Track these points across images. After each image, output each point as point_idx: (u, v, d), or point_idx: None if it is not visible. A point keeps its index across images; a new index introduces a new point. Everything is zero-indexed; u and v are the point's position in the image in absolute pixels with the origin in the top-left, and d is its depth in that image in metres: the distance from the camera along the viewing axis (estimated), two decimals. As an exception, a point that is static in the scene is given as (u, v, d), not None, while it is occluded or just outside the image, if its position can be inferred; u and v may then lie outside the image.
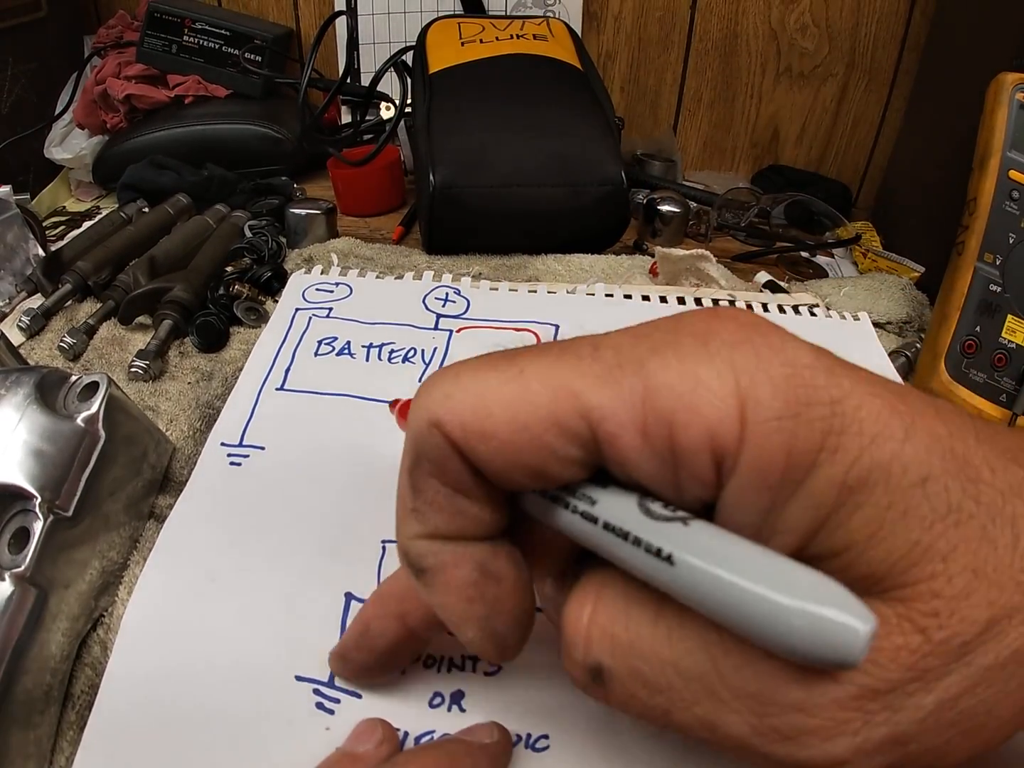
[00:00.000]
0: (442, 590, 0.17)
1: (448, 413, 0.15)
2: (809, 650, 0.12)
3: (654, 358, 0.14)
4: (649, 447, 0.14)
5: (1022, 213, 0.41)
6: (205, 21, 0.69)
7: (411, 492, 0.16)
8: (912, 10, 0.70)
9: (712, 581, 0.13)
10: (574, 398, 0.14)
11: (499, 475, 0.15)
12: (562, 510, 0.15)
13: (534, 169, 0.51)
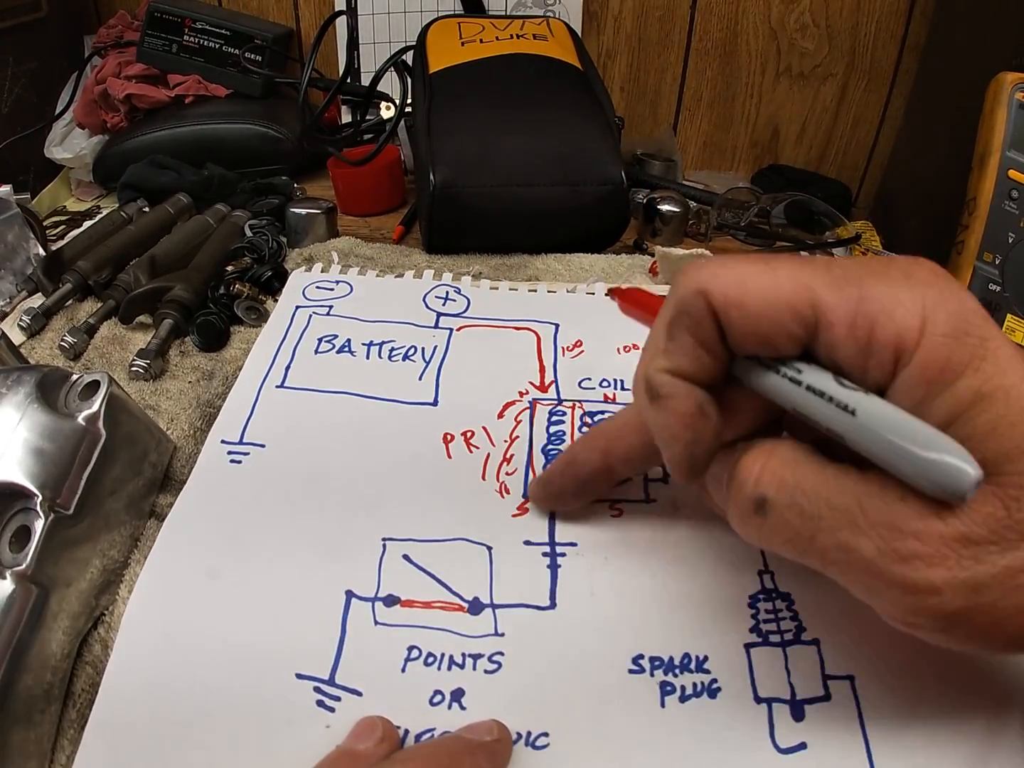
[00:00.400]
0: (669, 413, 0.21)
1: (715, 285, 0.20)
2: (937, 481, 0.17)
3: (869, 278, 0.19)
4: (853, 337, 0.19)
5: (1021, 212, 0.41)
6: (205, 21, 0.69)
7: (666, 337, 0.21)
8: (912, 10, 0.70)
9: (879, 429, 0.18)
10: (809, 292, 0.19)
11: (738, 337, 0.20)
12: (772, 375, 0.20)
13: (534, 169, 0.51)
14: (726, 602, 0.26)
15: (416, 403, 0.35)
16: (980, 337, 0.18)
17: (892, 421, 0.18)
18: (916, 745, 0.22)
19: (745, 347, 0.20)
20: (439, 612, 0.26)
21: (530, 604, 0.26)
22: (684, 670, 0.24)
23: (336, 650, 0.25)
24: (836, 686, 0.24)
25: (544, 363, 0.37)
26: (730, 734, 0.23)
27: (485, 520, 0.29)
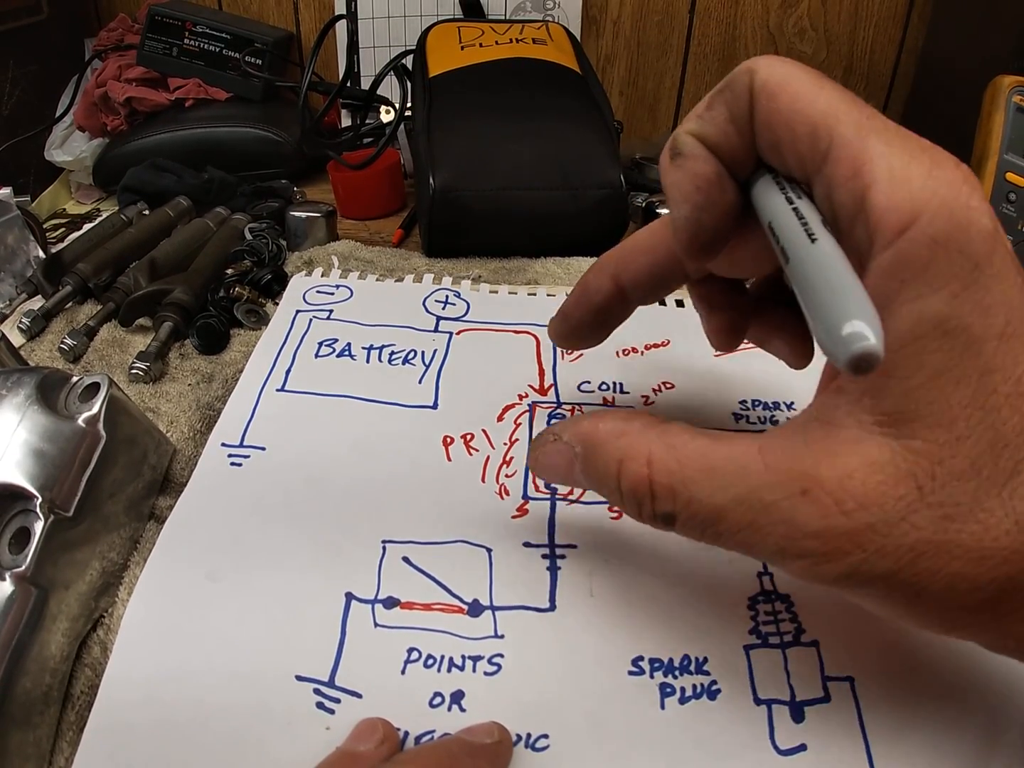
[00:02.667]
0: (684, 171, 0.20)
1: (763, 70, 0.19)
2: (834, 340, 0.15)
3: (900, 143, 0.17)
4: (849, 188, 0.17)
5: (1019, 215, 0.41)
6: (206, 24, 0.70)
7: (706, 104, 0.21)
8: (909, 14, 0.70)
9: (819, 269, 0.17)
10: (836, 122, 0.18)
11: (759, 127, 0.19)
12: (776, 191, 0.20)
13: (533, 172, 0.51)
14: (725, 604, 0.26)
15: (416, 406, 0.35)
16: (973, 262, 0.16)
17: (832, 267, 0.16)
18: (916, 746, 0.22)
19: (761, 142, 0.20)
20: (439, 614, 0.26)
21: (530, 606, 0.26)
22: (684, 672, 0.24)
23: (336, 652, 0.25)
24: (836, 687, 0.24)
25: (543, 366, 0.38)
26: (730, 736, 0.23)
27: (485, 522, 0.29)
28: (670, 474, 0.19)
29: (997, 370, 0.16)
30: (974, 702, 0.23)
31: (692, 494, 0.18)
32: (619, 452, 0.20)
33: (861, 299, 0.15)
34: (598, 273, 0.27)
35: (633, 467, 0.20)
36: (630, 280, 0.26)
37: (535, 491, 0.31)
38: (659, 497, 0.19)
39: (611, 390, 0.36)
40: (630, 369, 0.37)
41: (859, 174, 0.17)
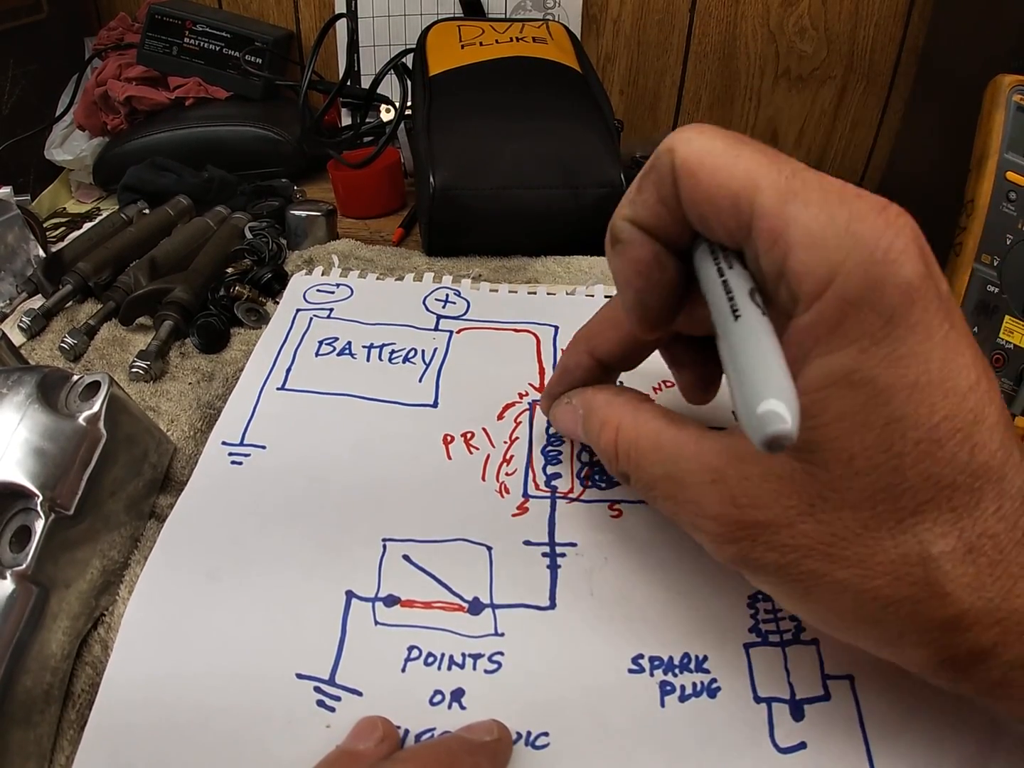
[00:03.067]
0: (625, 257, 0.22)
1: (681, 148, 0.20)
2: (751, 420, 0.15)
3: (819, 203, 0.18)
4: (770, 255, 0.18)
5: (1019, 214, 0.41)
6: (206, 23, 0.70)
7: (636, 189, 0.21)
8: (910, 13, 0.70)
9: (743, 345, 0.17)
10: (755, 192, 0.18)
11: (685, 204, 0.20)
12: (708, 258, 0.20)
13: (534, 171, 0.51)
14: (725, 602, 0.26)
15: (416, 405, 0.35)
16: (886, 318, 0.16)
17: (757, 347, 0.17)
18: (916, 745, 0.22)
19: (689, 217, 0.20)
20: (439, 612, 0.26)
21: (530, 604, 0.26)
22: (684, 670, 0.25)
23: (336, 650, 0.25)
24: (835, 686, 0.24)
25: (544, 365, 0.38)
26: (730, 734, 0.23)
27: (485, 520, 0.29)
28: (629, 443, 0.23)
29: (906, 418, 0.16)
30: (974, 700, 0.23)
31: (639, 462, 0.22)
32: (602, 417, 0.24)
33: (780, 381, 0.16)
34: (574, 352, 0.28)
35: (607, 432, 0.24)
36: (605, 354, 0.27)
37: (535, 489, 0.31)
38: (619, 458, 0.23)
39: (611, 389, 0.36)
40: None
41: (778, 243, 0.18)
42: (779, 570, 0.19)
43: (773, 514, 0.18)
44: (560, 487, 0.31)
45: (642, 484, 0.22)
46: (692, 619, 0.26)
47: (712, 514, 0.19)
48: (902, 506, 0.17)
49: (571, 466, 0.32)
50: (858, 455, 0.17)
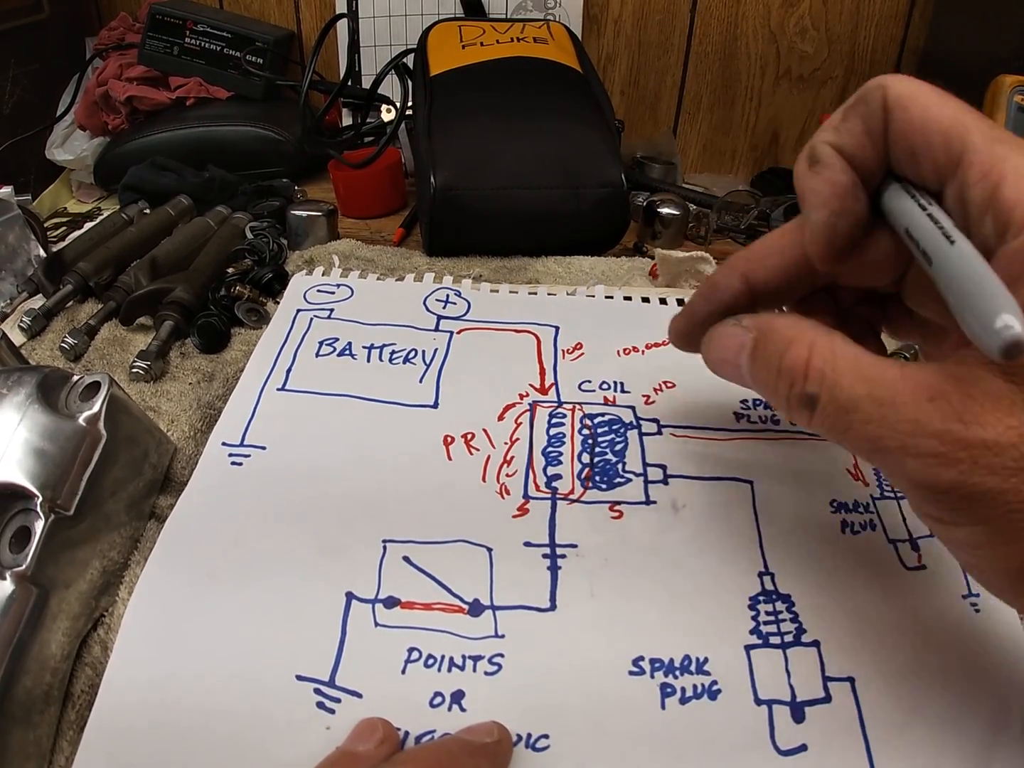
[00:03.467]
0: (822, 178, 0.22)
1: (894, 85, 0.21)
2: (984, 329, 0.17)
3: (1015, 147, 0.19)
4: (982, 185, 0.19)
5: (1021, 215, 0.41)
6: (207, 23, 0.70)
7: (841, 117, 0.22)
8: (911, 13, 0.70)
9: (961, 266, 0.19)
10: (965, 130, 0.20)
11: (894, 138, 0.21)
12: (907, 196, 0.21)
13: (534, 171, 0.51)
14: (726, 604, 0.26)
15: (416, 405, 0.35)
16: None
17: (975, 266, 0.18)
18: (917, 746, 0.22)
19: (897, 151, 0.21)
20: (439, 614, 0.26)
21: (530, 606, 0.26)
22: (684, 672, 0.24)
23: (336, 652, 0.25)
24: (836, 688, 0.24)
25: (544, 365, 0.38)
26: (730, 736, 0.23)
27: (485, 522, 0.29)
28: (824, 361, 0.21)
29: None
30: (974, 702, 0.23)
31: (837, 380, 0.21)
32: (790, 336, 0.22)
33: (1005, 295, 0.17)
34: (728, 271, 0.27)
35: (797, 349, 0.22)
36: (760, 280, 0.26)
37: (536, 490, 0.31)
38: (811, 378, 0.21)
39: (612, 389, 0.36)
40: (631, 368, 0.37)
41: (990, 174, 0.19)
42: (994, 499, 0.18)
43: (997, 433, 0.18)
44: (560, 488, 0.31)
45: (837, 407, 0.21)
46: (693, 621, 0.26)
47: (935, 430, 0.18)
48: None
49: (571, 467, 0.32)
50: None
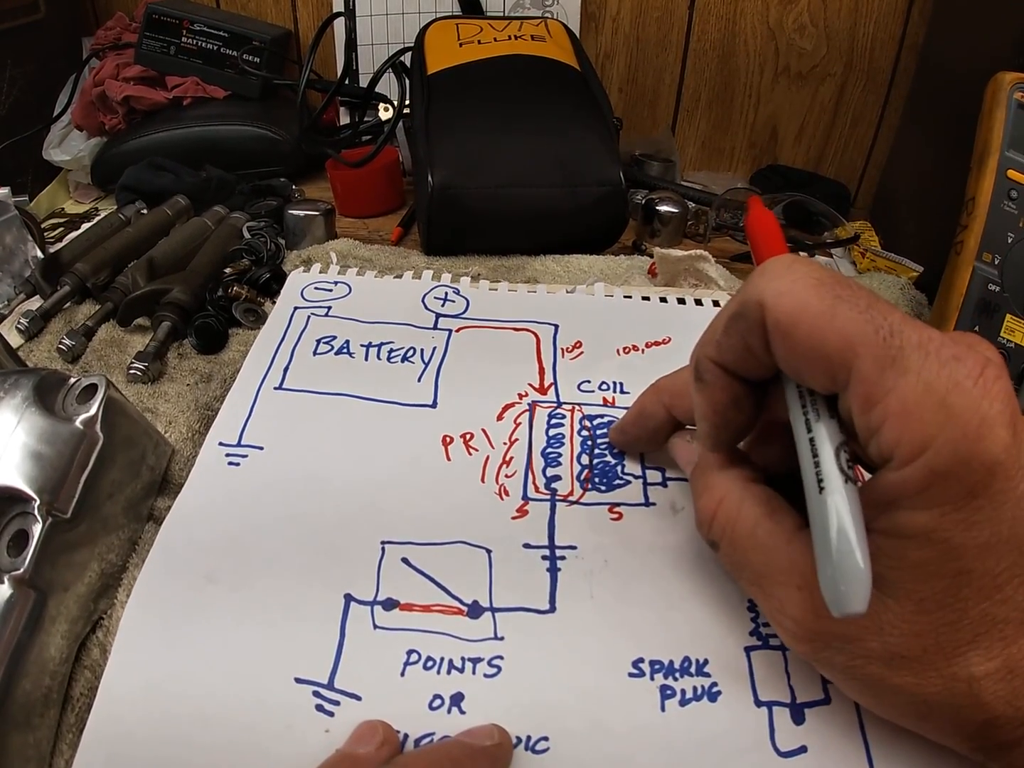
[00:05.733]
0: (705, 396, 0.23)
1: (773, 304, 0.20)
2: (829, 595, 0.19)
3: (916, 371, 0.18)
4: (866, 418, 0.19)
5: (1020, 212, 0.41)
6: (203, 23, 0.69)
7: (723, 330, 0.22)
8: (910, 10, 0.70)
9: (825, 519, 0.19)
10: (853, 356, 0.19)
11: (778, 357, 0.21)
12: (800, 409, 0.21)
13: (533, 170, 0.51)
14: (726, 605, 0.26)
15: (415, 405, 0.35)
16: (967, 489, 0.18)
17: (838, 524, 0.19)
18: (916, 748, 0.22)
19: (782, 365, 0.21)
20: (438, 616, 0.26)
21: (530, 608, 0.26)
22: (684, 674, 0.24)
23: (335, 654, 0.25)
24: (836, 690, 0.24)
25: (543, 365, 0.37)
26: (730, 737, 0.23)
27: (484, 523, 0.29)
28: (727, 520, 0.24)
29: (974, 571, 0.19)
30: None
31: (734, 542, 0.23)
32: (709, 482, 0.25)
33: (857, 562, 0.18)
34: (653, 401, 0.30)
35: (709, 498, 0.25)
36: (680, 411, 0.29)
37: (535, 492, 0.31)
38: (713, 529, 0.24)
39: (611, 390, 0.36)
40: (631, 367, 0.37)
41: (874, 410, 0.19)
42: (845, 670, 0.21)
43: (847, 629, 0.20)
44: (560, 489, 0.31)
45: (730, 561, 0.24)
46: (692, 623, 0.26)
47: (794, 616, 0.21)
48: (960, 638, 0.19)
49: (571, 468, 0.32)
50: (928, 598, 0.19)
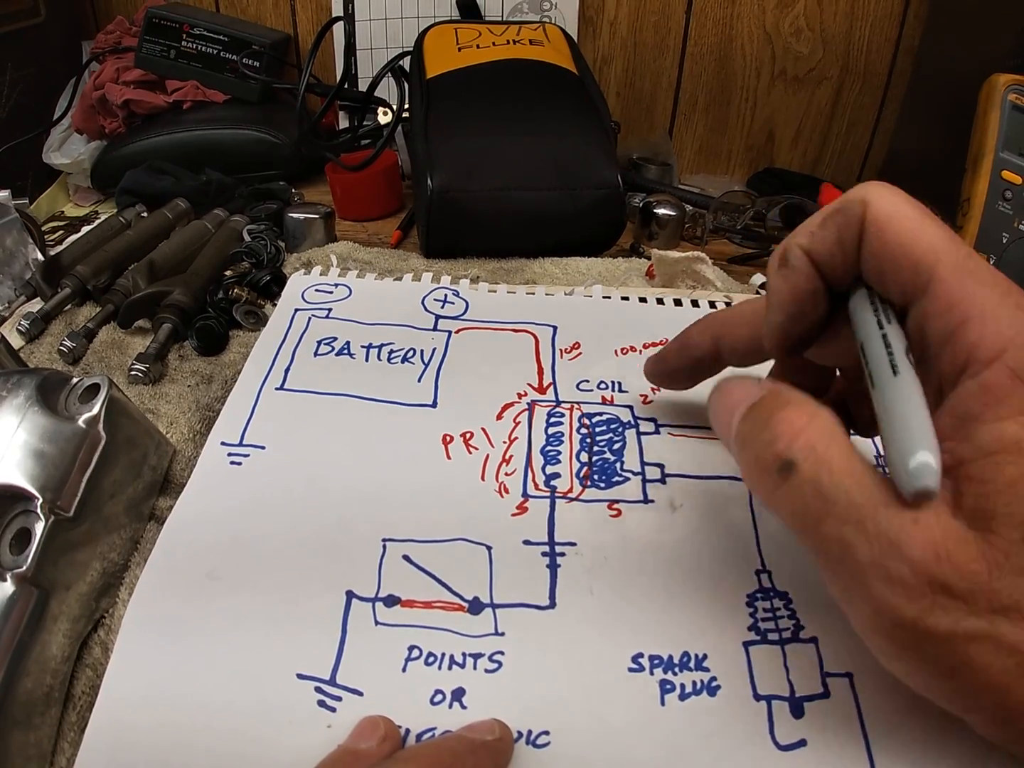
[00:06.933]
0: (787, 281, 0.23)
1: (874, 201, 0.21)
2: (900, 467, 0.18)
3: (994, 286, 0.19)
4: (944, 320, 0.19)
5: (1015, 212, 0.42)
6: (203, 27, 0.70)
7: (819, 223, 0.22)
8: (906, 13, 0.70)
9: (896, 400, 0.19)
10: (936, 261, 0.20)
11: (865, 252, 0.21)
12: (869, 311, 0.21)
13: (531, 173, 0.51)
14: (724, 601, 0.26)
15: (415, 405, 0.35)
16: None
17: (909, 404, 0.19)
18: (916, 741, 0.22)
19: (866, 267, 0.21)
20: (439, 612, 0.26)
21: (530, 604, 0.26)
22: (683, 668, 0.25)
23: (337, 650, 0.25)
24: (835, 683, 0.24)
25: (542, 365, 0.38)
26: (730, 731, 0.23)
27: (484, 520, 0.29)
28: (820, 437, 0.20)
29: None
30: None
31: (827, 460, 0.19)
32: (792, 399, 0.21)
33: (929, 440, 0.18)
34: (702, 331, 0.29)
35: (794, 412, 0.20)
36: (728, 346, 0.28)
37: (534, 489, 0.31)
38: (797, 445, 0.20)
39: (610, 389, 0.36)
40: (629, 368, 0.37)
41: (953, 310, 0.19)
42: (945, 640, 0.17)
43: (961, 578, 0.17)
44: (559, 487, 0.31)
45: (816, 488, 0.19)
46: (691, 618, 0.26)
47: (913, 558, 0.17)
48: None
49: (570, 466, 0.32)
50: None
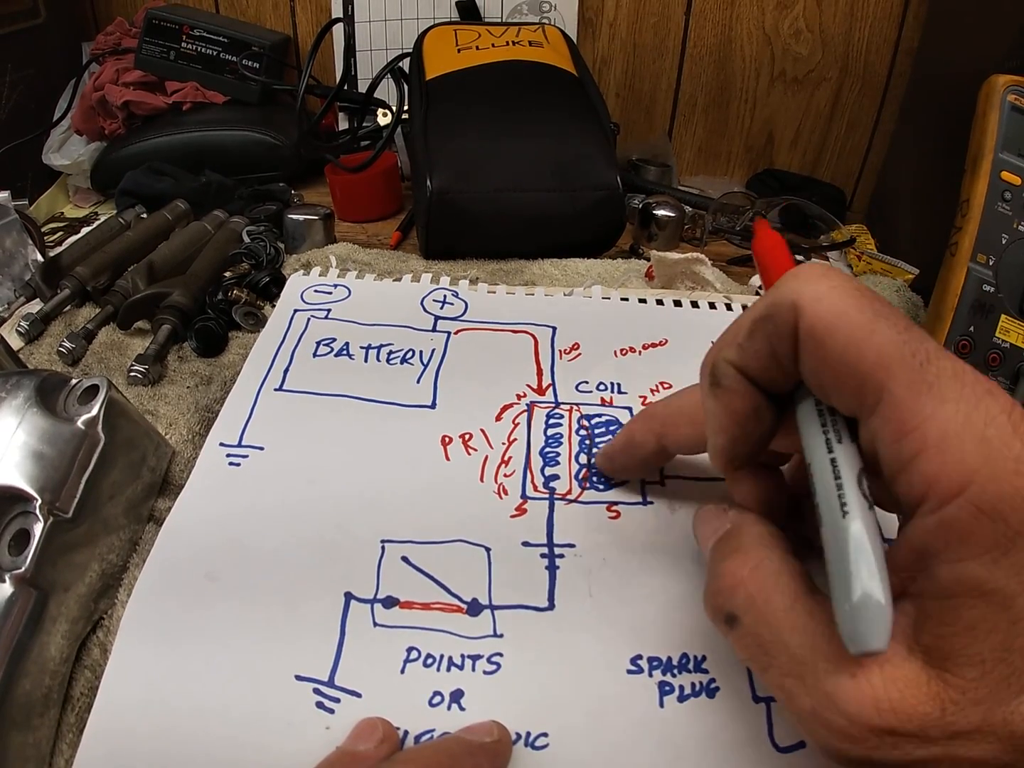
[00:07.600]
0: (723, 404, 0.21)
1: (809, 308, 0.18)
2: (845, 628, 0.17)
3: (955, 401, 0.17)
4: (897, 448, 0.17)
5: (1014, 214, 0.42)
6: (203, 28, 0.70)
7: (746, 333, 0.20)
8: (905, 14, 0.70)
9: (845, 547, 0.17)
10: (887, 376, 0.17)
11: (804, 367, 0.19)
12: (819, 428, 0.19)
13: (530, 174, 0.51)
14: (724, 602, 0.26)
15: (414, 406, 0.35)
16: (1014, 531, 0.16)
17: (859, 556, 0.17)
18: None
19: (805, 380, 0.20)
20: (438, 613, 0.26)
21: (529, 605, 0.26)
22: (682, 670, 0.25)
23: (335, 652, 0.25)
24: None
25: (542, 366, 0.38)
26: (729, 733, 0.23)
27: (483, 521, 0.29)
28: (759, 589, 0.20)
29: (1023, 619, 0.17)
30: None
31: (766, 617, 0.19)
32: (740, 545, 0.22)
33: (877, 605, 0.17)
34: (643, 431, 0.28)
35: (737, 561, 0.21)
36: (673, 442, 0.27)
37: (533, 491, 0.31)
38: (737, 598, 0.20)
39: (609, 390, 0.36)
40: (628, 369, 0.37)
41: (909, 437, 0.17)
42: (900, 763, 0.17)
43: (909, 721, 0.17)
44: (558, 488, 0.31)
45: (756, 643, 0.19)
46: (690, 619, 0.26)
47: (848, 712, 0.17)
48: (1013, 690, 0.17)
49: (569, 468, 0.32)
50: (988, 659, 0.17)
